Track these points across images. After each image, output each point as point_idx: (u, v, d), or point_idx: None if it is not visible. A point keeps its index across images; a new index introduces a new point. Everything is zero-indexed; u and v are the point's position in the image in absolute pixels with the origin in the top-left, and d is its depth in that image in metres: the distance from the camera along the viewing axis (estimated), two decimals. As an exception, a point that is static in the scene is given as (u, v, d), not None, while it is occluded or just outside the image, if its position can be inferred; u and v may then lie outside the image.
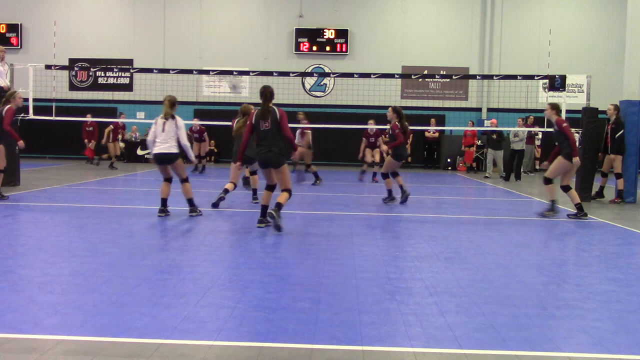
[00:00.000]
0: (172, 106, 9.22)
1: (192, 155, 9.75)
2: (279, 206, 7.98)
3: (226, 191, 10.26)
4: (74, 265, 5.91)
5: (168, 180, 9.38)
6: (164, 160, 9.19)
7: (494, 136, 18.96)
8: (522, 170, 19.14)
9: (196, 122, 19.69)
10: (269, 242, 7.46)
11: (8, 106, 11.01)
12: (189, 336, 3.91)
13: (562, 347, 3.92)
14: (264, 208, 8.29)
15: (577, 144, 11.33)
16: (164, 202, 9.28)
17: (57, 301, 4.60)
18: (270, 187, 8.33)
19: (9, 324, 4.07)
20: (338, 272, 5.86)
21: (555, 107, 10.41)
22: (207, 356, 3.61)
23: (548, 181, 10.28)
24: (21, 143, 11.36)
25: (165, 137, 9.09)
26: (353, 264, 6.20)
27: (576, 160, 9.96)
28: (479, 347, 3.87)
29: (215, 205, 10.06)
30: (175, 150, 9.17)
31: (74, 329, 4.00)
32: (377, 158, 16.38)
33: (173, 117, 9.19)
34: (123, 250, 6.72)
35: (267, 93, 8.07)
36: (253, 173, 11.31)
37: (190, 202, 9.31)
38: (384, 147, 16.13)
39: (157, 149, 9.14)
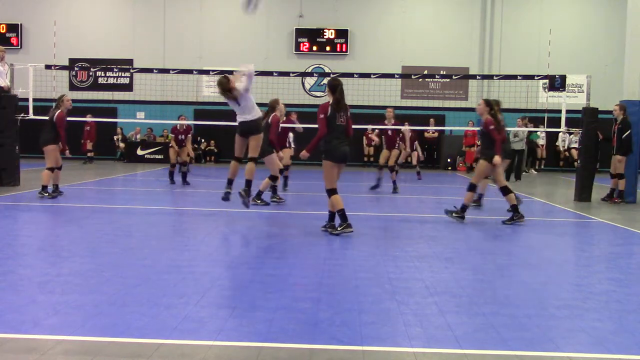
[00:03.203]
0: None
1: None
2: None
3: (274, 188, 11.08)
4: (74, 265, 5.91)
5: (237, 159, 9.01)
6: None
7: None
8: (521, 170, 19.15)
9: (182, 121, 14.85)
10: (269, 242, 7.45)
11: (58, 111, 10.92)
12: (189, 336, 3.91)
13: (562, 347, 3.92)
14: (341, 213, 7.79)
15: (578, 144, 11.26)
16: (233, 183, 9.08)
17: (57, 301, 4.60)
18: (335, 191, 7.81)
19: (9, 324, 4.06)
20: (338, 272, 5.86)
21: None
22: (207, 356, 3.61)
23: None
24: (67, 152, 11.35)
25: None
26: (353, 264, 6.20)
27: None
28: (479, 347, 3.87)
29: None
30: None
31: (74, 329, 4.00)
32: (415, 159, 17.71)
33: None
34: (123, 250, 6.72)
35: (342, 87, 7.69)
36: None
37: (247, 183, 8.84)
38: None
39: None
